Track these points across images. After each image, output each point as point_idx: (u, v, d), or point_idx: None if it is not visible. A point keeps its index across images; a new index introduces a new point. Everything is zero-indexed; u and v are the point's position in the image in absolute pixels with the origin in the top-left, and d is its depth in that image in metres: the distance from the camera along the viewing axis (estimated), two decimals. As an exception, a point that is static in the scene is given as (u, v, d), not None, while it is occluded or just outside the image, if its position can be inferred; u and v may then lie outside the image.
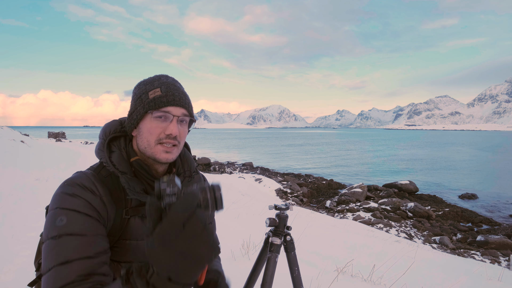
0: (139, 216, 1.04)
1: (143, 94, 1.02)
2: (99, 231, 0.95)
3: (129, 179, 0.99)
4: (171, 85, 1.02)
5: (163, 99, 0.99)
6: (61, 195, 0.94)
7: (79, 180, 0.97)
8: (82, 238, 0.89)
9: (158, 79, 1.04)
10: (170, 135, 0.99)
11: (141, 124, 1.02)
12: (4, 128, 22.73)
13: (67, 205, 0.92)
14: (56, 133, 51.71)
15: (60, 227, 0.89)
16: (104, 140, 1.06)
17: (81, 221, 0.91)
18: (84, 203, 0.93)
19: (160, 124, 0.99)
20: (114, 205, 1.00)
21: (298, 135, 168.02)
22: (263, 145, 75.59)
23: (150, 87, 1.02)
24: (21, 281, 2.66)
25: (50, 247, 0.88)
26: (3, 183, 6.62)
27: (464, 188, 21.84)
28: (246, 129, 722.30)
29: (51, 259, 0.87)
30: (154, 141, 1.00)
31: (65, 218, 0.90)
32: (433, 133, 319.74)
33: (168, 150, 1.00)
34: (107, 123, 1.11)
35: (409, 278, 3.39)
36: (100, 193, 0.97)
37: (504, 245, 10.49)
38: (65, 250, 0.87)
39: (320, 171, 29.42)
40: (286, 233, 1.27)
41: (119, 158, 1.02)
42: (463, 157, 46.74)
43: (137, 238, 1.04)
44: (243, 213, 6.29)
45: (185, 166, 1.15)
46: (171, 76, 1.08)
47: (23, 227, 4.17)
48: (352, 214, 14.34)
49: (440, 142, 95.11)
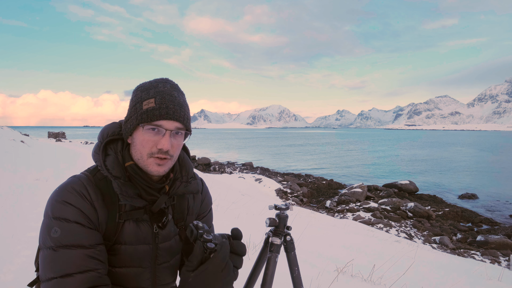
0: (134, 220, 1.03)
1: (138, 103, 0.99)
2: (96, 240, 0.96)
3: (122, 184, 0.98)
4: (167, 95, 0.98)
5: (156, 112, 0.95)
6: (53, 203, 0.94)
7: (70, 186, 0.97)
8: (79, 250, 0.91)
9: (155, 86, 1.00)
10: (162, 149, 0.96)
11: (135, 134, 1.01)
12: (4, 128, 22.74)
13: (59, 214, 0.92)
14: (56, 133, 51.72)
15: (55, 239, 0.90)
16: (101, 142, 1.05)
17: (75, 232, 0.92)
18: (75, 211, 0.93)
19: (152, 137, 0.97)
20: (106, 209, 0.99)
21: (298, 135, 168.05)
22: (263, 145, 75.61)
23: (145, 96, 0.98)
24: (21, 281, 2.66)
25: (48, 258, 0.90)
26: (3, 183, 6.62)
27: (464, 188, 21.84)
28: (246, 129, 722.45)
29: (49, 270, 0.90)
30: (146, 154, 0.98)
31: (59, 229, 0.91)
32: (433, 133, 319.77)
33: (160, 163, 0.98)
34: (106, 125, 1.10)
35: (409, 278, 3.39)
36: (91, 197, 0.97)
37: (504, 245, 10.49)
38: (64, 263, 0.89)
39: (320, 171, 29.42)
40: (286, 233, 1.27)
41: (114, 162, 1.01)
42: (463, 157, 46.75)
43: (132, 242, 1.02)
44: (243, 213, 6.29)
45: (183, 171, 1.13)
46: (171, 79, 1.05)
47: (23, 227, 4.16)
48: (352, 214, 14.34)
49: (440, 142, 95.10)
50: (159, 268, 1.09)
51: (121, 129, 1.08)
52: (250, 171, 27.00)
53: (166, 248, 1.10)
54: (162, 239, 1.08)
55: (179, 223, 1.14)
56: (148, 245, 1.05)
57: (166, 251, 1.10)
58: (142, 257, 1.04)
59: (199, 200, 1.22)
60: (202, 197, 1.23)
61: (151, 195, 1.03)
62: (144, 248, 1.04)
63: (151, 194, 1.03)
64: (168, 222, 1.10)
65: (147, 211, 1.04)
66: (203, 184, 1.27)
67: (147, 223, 1.05)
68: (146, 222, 1.05)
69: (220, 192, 8.49)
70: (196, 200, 1.21)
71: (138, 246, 1.03)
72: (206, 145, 72.48)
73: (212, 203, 1.31)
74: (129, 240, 1.02)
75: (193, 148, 56.33)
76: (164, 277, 1.12)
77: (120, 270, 1.02)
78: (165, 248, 1.09)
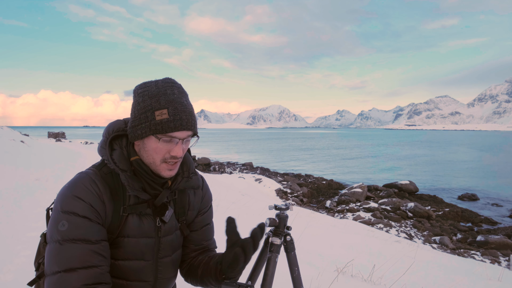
0: (137, 214, 1.05)
1: (148, 111, 0.99)
2: (101, 235, 0.98)
3: (128, 177, 1.01)
4: (178, 105, 0.99)
5: (171, 124, 0.97)
6: (63, 198, 0.97)
7: (81, 181, 0.99)
8: (84, 245, 0.93)
9: (164, 93, 1.00)
10: (175, 156, 1.01)
11: (146, 140, 1.03)
12: (4, 128, 22.72)
13: (68, 208, 0.95)
14: (56, 133, 51.69)
15: (62, 232, 0.92)
16: (106, 138, 1.07)
17: (82, 226, 0.94)
18: (84, 205, 0.96)
19: (165, 146, 1.00)
20: (113, 202, 1.02)
21: (298, 135, 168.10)
22: (263, 145, 75.63)
23: (157, 106, 0.98)
24: (21, 281, 2.66)
25: (55, 251, 0.92)
26: (3, 183, 6.62)
27: (464, 188, 21.85)
28: (246, 129, 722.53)
29: (55, 264, 0.91)
30: (160, 160, 1.02)
31: (67, 223, 0.93)
32: (433, 133, 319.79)
33: (171, 168, 1.04)
34: (111, 122, 1.12)
35: (409, 278, 3.39)
36: (100, 191, 1.00)
37: (504, 245, 10.50)
38: (70, 257, 0.91)
39: (320, 171, 29.43)
40: (286, 233, 1.27)
41: (120, 156, 1.04)
42: (463, 157, 46.75)
43: (135, 235, 1.05)
44: (243, 213, 6.29)
45: (185, 167, 1.16)
46: (175, 80, 1.05)
47: (23, 227, 4.17)
48: (352, 214, 14.34)
49: (440, 142, 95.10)
50: (161, 262, 1.12)
51: (126, 126, 1.10)
52: (250, 171, 27.00)
53: (168, 242, 1.13)
54: (164, 233, 1.11)
55: (180, 218, 1.17)
56: (151, 238, 1.08)
57: (168, 245, 1.13)
58: (144, 250, 1.07)
59: (200, 196, 1.25)
60: (202, 193, 1.26)
61: (154, 189, 1.06)
62: (146, 242, 1.07)
63: (155, 188, 1.06)
64: (170, 216, 1.12)
65: (150, 205, 1.07)
66: (203, 181, 1.29)
67: (150, 216, 1.08)
68: (149, 216, 1.08)
69: (220, 192, 8.49)
70: (196, 196, 1.23)
71: (140, 239, 1.06)
72: (206, 145, 72.51)
73: (212, 200, 1.33)
74: (132, 233, 1.04)
75: (193, 148, 56.17)
76: (166, 271, 1.14)
77: (123, 263, 1.05)
78: (167, 242, 1.12)
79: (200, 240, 1.25)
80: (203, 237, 1.26)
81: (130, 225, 1.04)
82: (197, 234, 1.24)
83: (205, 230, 1.27)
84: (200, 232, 1.25)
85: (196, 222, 1.24)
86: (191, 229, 1.23)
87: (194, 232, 1.24)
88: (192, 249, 1.24)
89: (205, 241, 1.27)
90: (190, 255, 1.25)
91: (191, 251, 1.24)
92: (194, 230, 1.24)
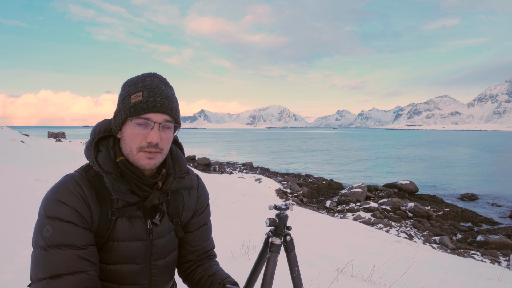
0: (126, 217, 1.02)
1: (125, 97, 0.99)
2: (87, 240, 0.95)
3: (114, 179, 0.97)
4: (154, 89, 0.97)
5: (144, 105, 0.95)
6: (47, 202, 0.94)
7: (65, 184, 0.96)
8: (70, 250, 0.90)
9: (142, 80, 0.99)
10: (151, 143, 0.96)
11: (124, 128, 1.00)
12: (4, 128, 22.72)
13: (51, 213, 0.92)
14: (56, 133, 51.67)
15: (47, 238, 0.89)
16: (92, 139, 1.05)
17: (67, 231, 0.91)
18: (68, 210, 0.92)
19: (141, 131, 0.96)
20: (99, 205, 0.99)
21: (298, 135, 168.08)
22: (263, 145, 75.60)
23: (133, 90, 0.98)
24: (21, 281, 2.66)
25: (40, 257, 0.89)
26: (3, 183, 6.62)
27: (464, 188, 21.85)
28: (246, 129, 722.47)
29: (40, 271, 0.88)
30: (136, 148, 0.98)
31: (51, 228, 0.90)
32: (433, 133, 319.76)
33: (151, 157, 0.98)
34: (98, 122, 1.09)
35: (409, 278, 3.39)
36: (85, 194, 0.96)
37: (504, 245, 10.49)
38: (55, 264, 0.88)
39: (320, 171, 29.43)
40: (286, 233, 1.27)
41: (106, 158, 1.00)
42: (463, 157, 46.75)
43: (125, 239, 1.02)
44: (243, 213, 6.29)
45: (176, 167, 1.12)
46: (159, 74, 1.04)
47: (23, 227, 4.16)
48: (352, 214, 14.34)
49: (440, 142, 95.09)
50: (154, 265, 1.09)
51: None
52: (250, 171, 27.00)
53: (161, 244, 1.09)
54: (157, 235, 1.08)
55: (174, 219, 1.14)
56: (142, 241, 1.05)
57: (161, 247, 1.09)
58: (136, 253, 1.04)
59: (195, 197, 1.21)
60: (198, 193, 1.23)
61: (143, 190, 1.02)
62: (137, 245, 1.04)
63: (144, 190, 1.02)
64: (163, 218, 1.09)
65: (140, 207, 1.04)
66: (199, 180, 1.25)
67: (140, 219, 1.04)
68: (140, 219, 1.04)
69: (220, 192, 8.48)
70: (191, 196, 1.20)
71: (131, 242, 1.02)
72: (206, 145, 72.49)
73: (209, 199, 1.30)
74: (122, 237, 1.01)
75: (193, 148, 56.33)
76: (161, 274, 1.11)
77: (115, 267, 1.02)
78: (160, 245, 1.09)
79: (197, 241, 1.22)
80: (200, 238, 1.23)
81: (119, 229, 1.01)
82: (194, 235, 1.21)
83: (202, 230, 1.24)
84: (197, 233, 1.22)
85: (192, 223, 1.21)
86: (187, 230, 1.20)
87: (190, 233, 1.21)
88: (188, 251, 1.22)
89: (202, 241, 1.24)
90: (187, 257, 1.22)
91: (188, 253, 1.22)
92: (191, 231, 1.21)
